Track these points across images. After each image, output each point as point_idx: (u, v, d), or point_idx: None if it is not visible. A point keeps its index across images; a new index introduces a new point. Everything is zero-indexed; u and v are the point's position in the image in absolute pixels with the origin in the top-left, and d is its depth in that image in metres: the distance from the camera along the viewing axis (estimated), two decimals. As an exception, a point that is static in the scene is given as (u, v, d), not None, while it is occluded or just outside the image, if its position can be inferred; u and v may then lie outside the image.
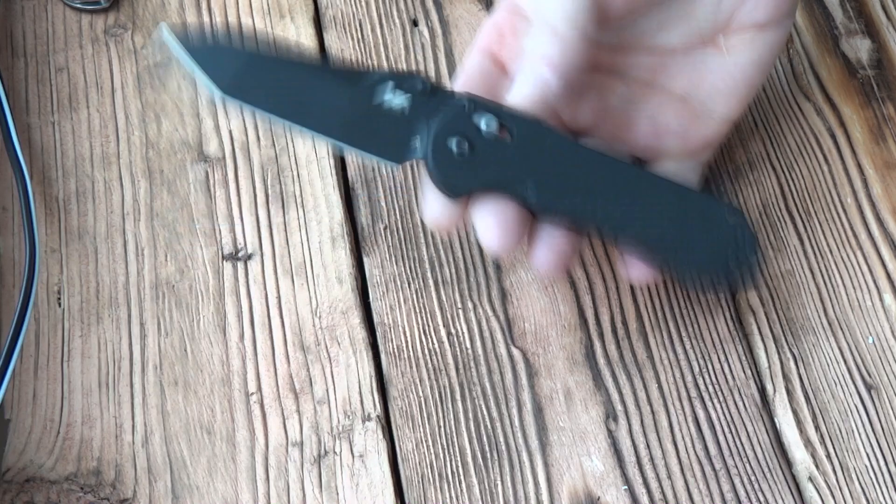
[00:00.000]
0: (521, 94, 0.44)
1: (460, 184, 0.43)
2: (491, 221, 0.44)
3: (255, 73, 0.44)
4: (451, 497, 0.46)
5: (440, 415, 0.47)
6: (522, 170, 0.43)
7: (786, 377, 0.48)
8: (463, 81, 0.47)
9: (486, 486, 0.46)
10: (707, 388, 0.48)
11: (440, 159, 0.43)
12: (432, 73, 0.55)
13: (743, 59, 0.48)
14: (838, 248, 0.51)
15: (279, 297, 0.50)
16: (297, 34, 0.57)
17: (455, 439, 0.47)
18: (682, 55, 0.48)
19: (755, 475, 0.46)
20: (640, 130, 0.48)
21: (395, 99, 0.44)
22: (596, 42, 0.45)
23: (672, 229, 0.44)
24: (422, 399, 0.48)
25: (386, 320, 0.49)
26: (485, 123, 0.43)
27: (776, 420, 0.47)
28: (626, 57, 0.49)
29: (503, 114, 0.44)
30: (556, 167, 0.44)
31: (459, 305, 0.50)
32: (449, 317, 0.49)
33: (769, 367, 0.48)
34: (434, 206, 0.45)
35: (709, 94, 0.48)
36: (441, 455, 0.47)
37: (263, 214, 0.52)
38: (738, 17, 0.47)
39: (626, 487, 0.46)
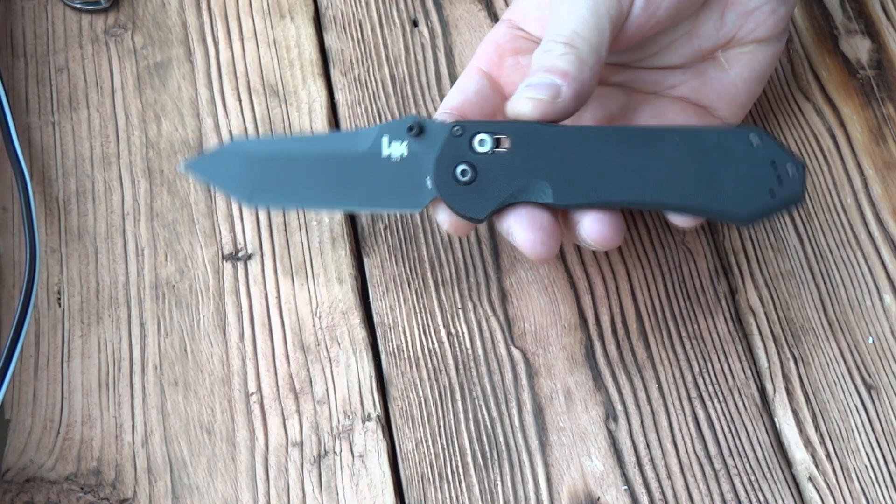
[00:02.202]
0: (529, 96, 0.43)
1: (479, 208, 0.43)
2: (524, 231, 0.43)
3: (269, 176, 0.46)
4: (451, 497, 0.46)
5: (440, 415, 0.47)
6: (530, 176, 0.43)
7: (786, 377, 0.48)
8: (458, 100, 0.47)
9: (486, 486, 0.46)
10: (707, 388, 0.48)
11: (450, 193, 0.44)
12: (432, 73, 0.55)
13: (743, 70, 0.49)
14: (838, 248, 0.51)
15: (279, 297, 0.50)
16: (297, 34, 0.57)
17: (455, 439, 0.47)
18: (682, 69, 0.49)
19: (755, 475, 0.46)
20: None
21: (393, 153, 0.45)
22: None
23: (700, 174, 0.42)
24: (422, 399, 0.48)
25: (386, 320, 0.49)
26: (479, 143, 0.44)
27: (776, 420, 0.47)
28: (627, 74, 0.49)
29: (495, 127, 0.44)
30: (563, 157, 0.43)
31: (459, 305, 0.50)
32: (449, 317, 0.49)
33: (769, 367, 0.48)
34: (452, 219, 0.45)
35: (710, 100, 0.49)
36: (441, 455, 0.47)
37: (263, 214, 0.52)
38: (739, 34, 0.48)
39: (626, 487, 0.46)
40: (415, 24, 0.57)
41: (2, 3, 0.58)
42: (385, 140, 0.45)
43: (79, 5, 0.57)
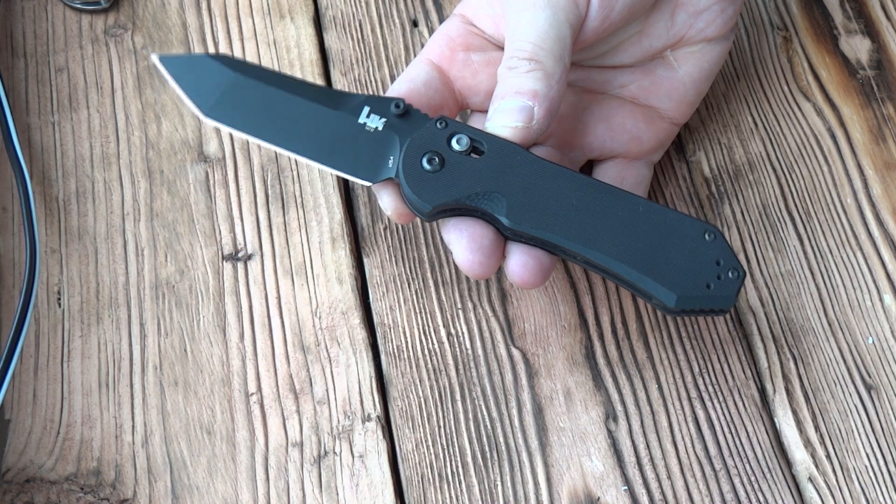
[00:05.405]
0: (504, 123, 0.44)
1: (430, 198, 0.44)
2: (464, 241, 0.44)
3: (238, 97, 0.46)
4: (451, 497, 0.46)
5: (440, 415, 0.47)
6: (492, 186, 0.43)
7: (785, 377, 0.48)
8: (405, 88, 0.47)
9: (486, 487, 0.46)
10: (707, 388, 0.48)
11: (411, 175, 0.44)
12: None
13: (692, 69, 0.49)
14: (838, 248, 0.51)
15: (279, 298, 0.50)
16: (297, 34, 0.57)
17: (455, 439, 0.47)
18: (631, 68, 0.49)
19: (755, 475, 0.46)
20: (593, 133, 0.48)
21: (370, 122, 0.45)
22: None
23: (649, 247, 0.43)
24: (422, 399, 0.48)
25: (386, 321, 0.49)
26: (456, 141, 0.44)
27: (776, 420, 0.47)
28: (578, 73, 0.49)
29: (475, 133, 0.44)
30: (527, 185, 0.43)
31: (459, 306, 0.50)
32: (449, 317, 0.49)
33: (769, 367, 0.48)
34: (397, 204, 0.45)
35: (659, 99, 0.49)
36: (441, 455, 0.47)
37: (263, 215, 0.52)
38: (689, 34, 0.48)
39: (625, 488, 0.46)
40: (415, 24, 0.57)
41: (2, 4, 0.58)
42: (366, 110, 0.46)
43: (79, 5, 0.57)
